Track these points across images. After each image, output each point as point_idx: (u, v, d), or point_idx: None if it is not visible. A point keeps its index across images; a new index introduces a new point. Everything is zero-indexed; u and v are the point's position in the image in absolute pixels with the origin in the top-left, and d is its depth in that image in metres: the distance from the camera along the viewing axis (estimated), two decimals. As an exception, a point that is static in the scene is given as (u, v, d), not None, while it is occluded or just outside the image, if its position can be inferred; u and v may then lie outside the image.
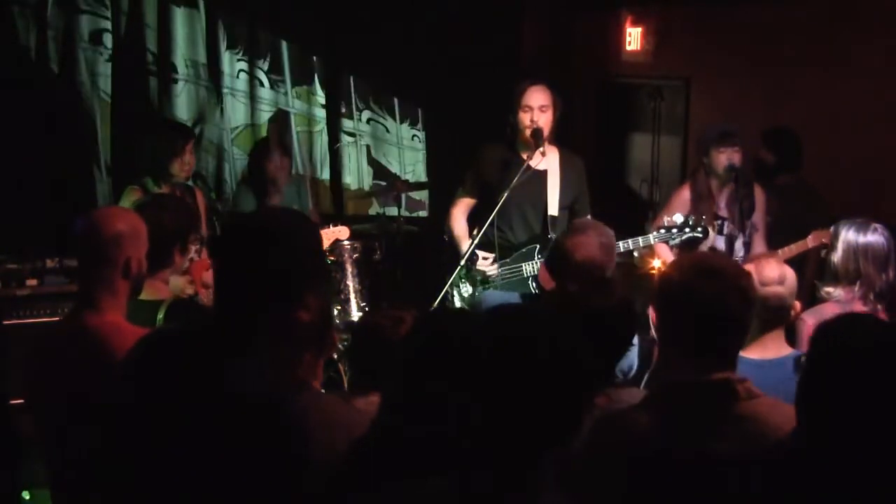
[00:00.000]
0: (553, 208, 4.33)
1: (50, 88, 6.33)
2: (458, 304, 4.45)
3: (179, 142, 4.79)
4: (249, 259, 1.96)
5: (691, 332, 2.01)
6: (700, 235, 4.15)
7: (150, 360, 2.00)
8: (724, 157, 4.55)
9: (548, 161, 4.29)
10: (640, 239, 4.10)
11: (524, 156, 4.26)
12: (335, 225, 5.09)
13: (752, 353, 2.72)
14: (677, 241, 4.15)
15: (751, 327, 2.71)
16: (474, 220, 4.53)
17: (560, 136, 4.48)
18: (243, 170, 6.53)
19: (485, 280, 4.32)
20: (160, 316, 2.80)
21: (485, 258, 4.29)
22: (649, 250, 4.56)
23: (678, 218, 4.17)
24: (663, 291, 2.09)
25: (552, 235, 4.30)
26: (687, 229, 4.13)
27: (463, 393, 1.61)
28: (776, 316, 2.73)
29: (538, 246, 4.31)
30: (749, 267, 2.78)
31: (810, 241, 4.35)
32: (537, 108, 4.25)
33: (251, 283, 1.96)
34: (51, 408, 2.43)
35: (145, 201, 3.46)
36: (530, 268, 4.28)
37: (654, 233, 4.15)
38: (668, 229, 4.14)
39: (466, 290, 4.40)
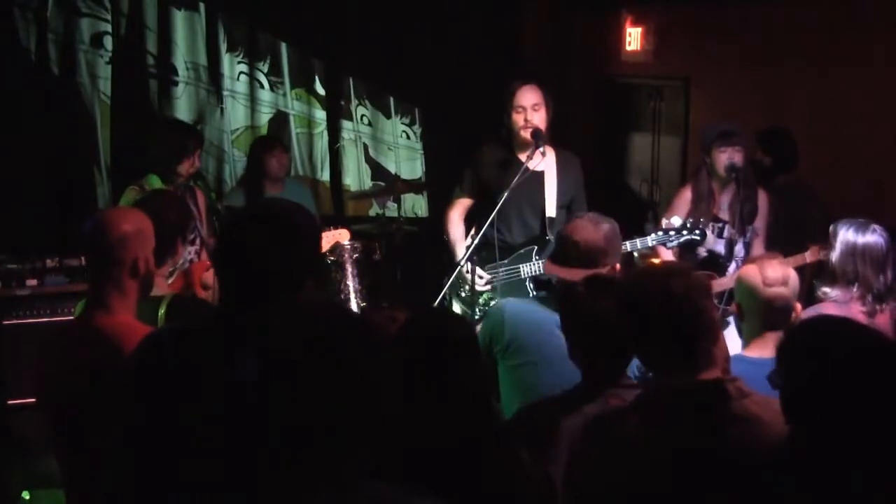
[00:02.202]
0: (551, 209, 4.34)
1: (50, 90, 6.35)
2: (456, 305, 4.45)
3: (190, 143, 4.80)
4: (249, 250, 1.97)
5: (668, 336, 2.02)
6: (697, 238, 4.14)
7: (154, 358, 2.01)
8: (725, 157, 4.51)
9: (545, 162, 4.28)
10: (637, 241, 4.09)
11: (521, 156, 4.27)
12: (336, 228, 5.08)
13: (752, 352, 2.73)
14: (675, 243, 4.13)
15: (753, 326, 2.75)
16: (472, 220, 4.54)
17: (560, 136, 4.48)
18: (244, 171, 6.54)
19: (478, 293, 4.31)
20: (161, 312, 2.81)
21: (480, 277, 4.26)
22: (650, 251, 4.55)
23: (676, 221, 4.15)
24: (629, 298, 2.10)
25: (550, 237, 4.30)
26: (685, 232, 4.11)
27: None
28: (780, 317, 2.72)
29: (536, 247, 4.31)
30: (753, 267, 2.79)
31: (808, 256, 4.33)
32: (530, 107, 4.26)
33: (250, 273, 1.97)
34: (64, 408, 2.43)
35: (144, 197, 3.47)
36: (528, 269, 4.27)
37: (652, 235, 4.14)
38: (666, 231, 4.13)
39: (465, 291, 4.39)
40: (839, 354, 1.70)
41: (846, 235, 3.33)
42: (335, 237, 5.00)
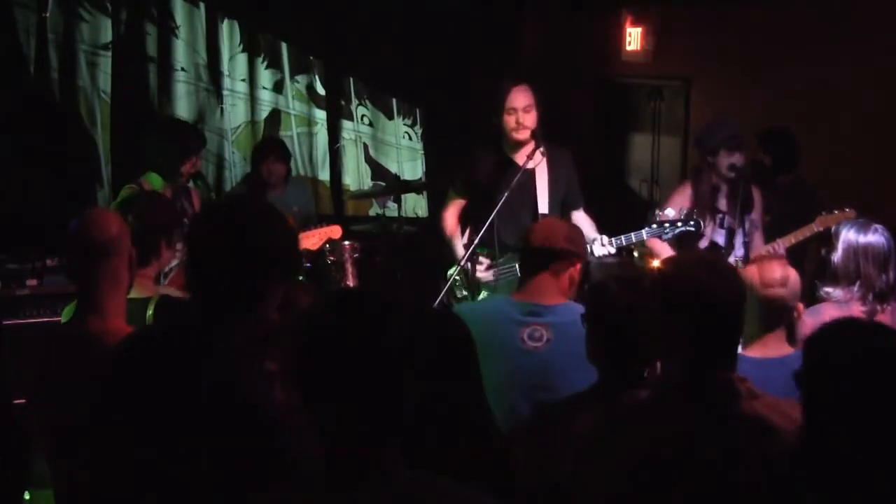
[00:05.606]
0: (543, 206, 4.33)
1: (50, 89, 6.36)
2: (455, 305, 4.44)
3: (193, 143, 4.80)
4: (211, 251, 1.96)
5: (691, 330, 1.99)
6: (692, 229, 4.14)
7: (131, 361, 2.00)
8: (732, 160, 4.54)
9: (535, 159, 4.28)
10: (632, 235, 4.09)
11: (512, 156, 4.30)
12: (326, 225, 5.04)
13: (754, 353, 2.73)
14: (670, 235, 4.13)
15: (752, 327, 2.75)
16: (466, 221, 4.53)
17: (560, 137, 4.48)
18: (245, 171, 6.56)
19: (478, 286, 4.30)
20: (149, 313, 2.80)
21: (480, 262, 4.26)
22: (649, 250, 4.56)
23: (670, 212, 4.15)
24: (660, 288, 2.07)
25: None
26: (679, 224, 4.11)
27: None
28: (778, 317, 2.73)
29: None
30: (752, 268, 2.80)
31: (816, 226, 4.35)
32: (521, 108, 4.26)
33: (213, 277, 1.96)
34: (56, 413, 2.42)
35: (130, 199, 3.46)
36: None
37: (647, 228, 4.13)
38: (661, 224, 4.13)
39: (462, 293, 4.38)
40: (865, 358, 1.68)
41: (848, 235, 3.35)
42: (327, 234, 4.96)
